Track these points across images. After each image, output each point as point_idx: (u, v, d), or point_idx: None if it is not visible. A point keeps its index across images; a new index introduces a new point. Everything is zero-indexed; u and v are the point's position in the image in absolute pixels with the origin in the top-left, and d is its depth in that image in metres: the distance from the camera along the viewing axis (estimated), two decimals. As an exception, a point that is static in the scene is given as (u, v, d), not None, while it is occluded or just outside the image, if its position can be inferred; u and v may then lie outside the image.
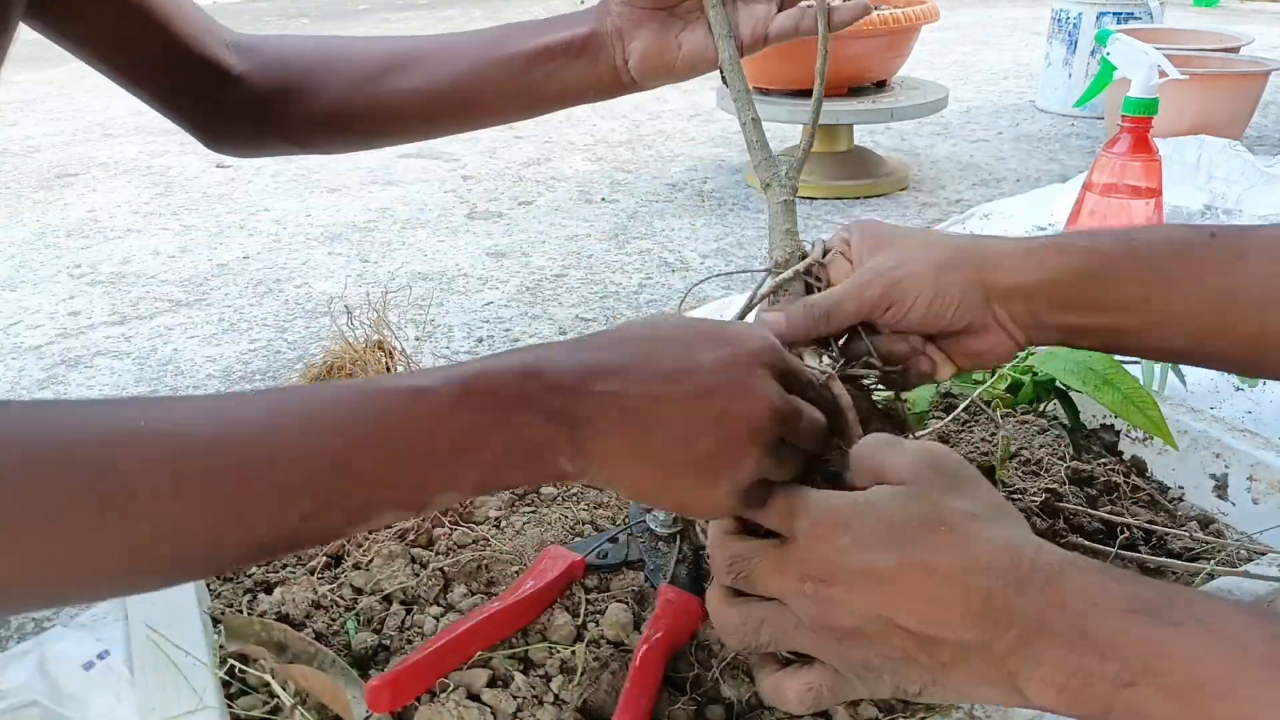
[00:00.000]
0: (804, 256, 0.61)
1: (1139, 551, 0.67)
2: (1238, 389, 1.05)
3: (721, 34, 0.63)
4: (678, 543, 0.65)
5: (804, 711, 0.46)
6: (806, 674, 0.45)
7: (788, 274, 0.60)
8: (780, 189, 0.62)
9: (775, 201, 0.62)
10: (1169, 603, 0.37)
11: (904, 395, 0.63)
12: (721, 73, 0.66)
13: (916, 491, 0.43)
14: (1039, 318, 0.56)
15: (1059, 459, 0.76)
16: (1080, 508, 0.70)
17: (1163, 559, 0.67)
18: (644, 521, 0.66)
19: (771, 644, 0.46)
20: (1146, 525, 0.70)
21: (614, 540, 0.65)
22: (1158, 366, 0.90)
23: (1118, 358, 0.75)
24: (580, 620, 0.61)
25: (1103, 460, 0.79)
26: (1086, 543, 0.66)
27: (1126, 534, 0.68)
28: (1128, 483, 0.75)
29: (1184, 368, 0.92)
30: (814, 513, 0.44)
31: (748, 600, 0.46)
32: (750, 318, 0.61)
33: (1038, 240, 0.57)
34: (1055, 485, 0.73)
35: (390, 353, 0.76)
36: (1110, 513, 0.70)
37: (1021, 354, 0.81)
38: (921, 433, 0.70)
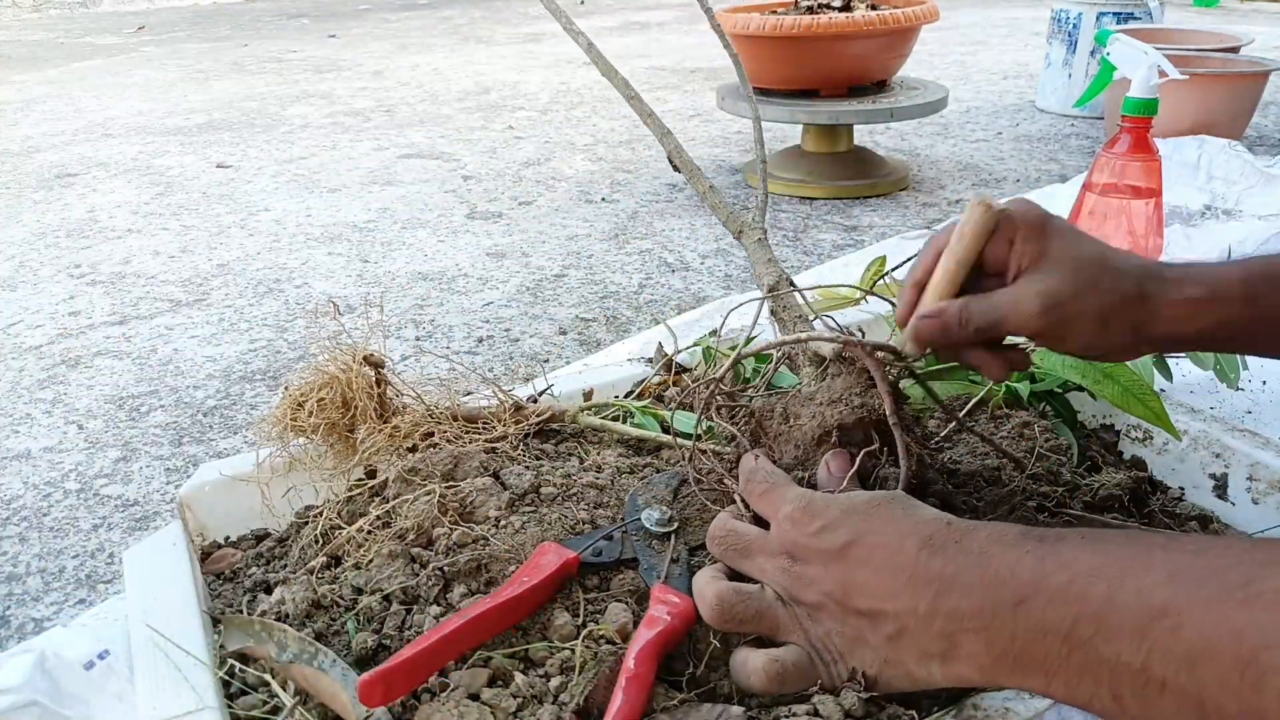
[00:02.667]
0: (790, 281, 0.63)
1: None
2: (1237, 389, 1.05)
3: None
4: (672, 542, 0.65)
5: (764, 687, 0.52)
6: (774, 650, 0.52)
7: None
8: (752, 231, 0.68)
9: (751, 242, 0.67)
10: (1060, 535, 0.43)
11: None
12: (671, 161, 0.71)
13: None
14: (1181, 348, 0.60)
15: (1060, 464, 0.76)
16: (1081, 515, 0.70)
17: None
18: (639, 520, 0.66)
19: (748, 621, 0.53)
20: (1146, 526, 0.70)
21: (609, 538, 0.65)
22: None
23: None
24: (580, 619, 0.61)
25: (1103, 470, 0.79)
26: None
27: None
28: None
29: (1174, 367, 0.92)
30: (792, 501, 0.53)
31: (732, 580, 0.55)
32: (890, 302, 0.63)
33: (1200, 289, 0.56)
34: (1055, 490, 0.73)
35: (378, 365, 0.76)
36: (1111, 516, 0.70)
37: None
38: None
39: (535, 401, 0.84)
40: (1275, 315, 0.56)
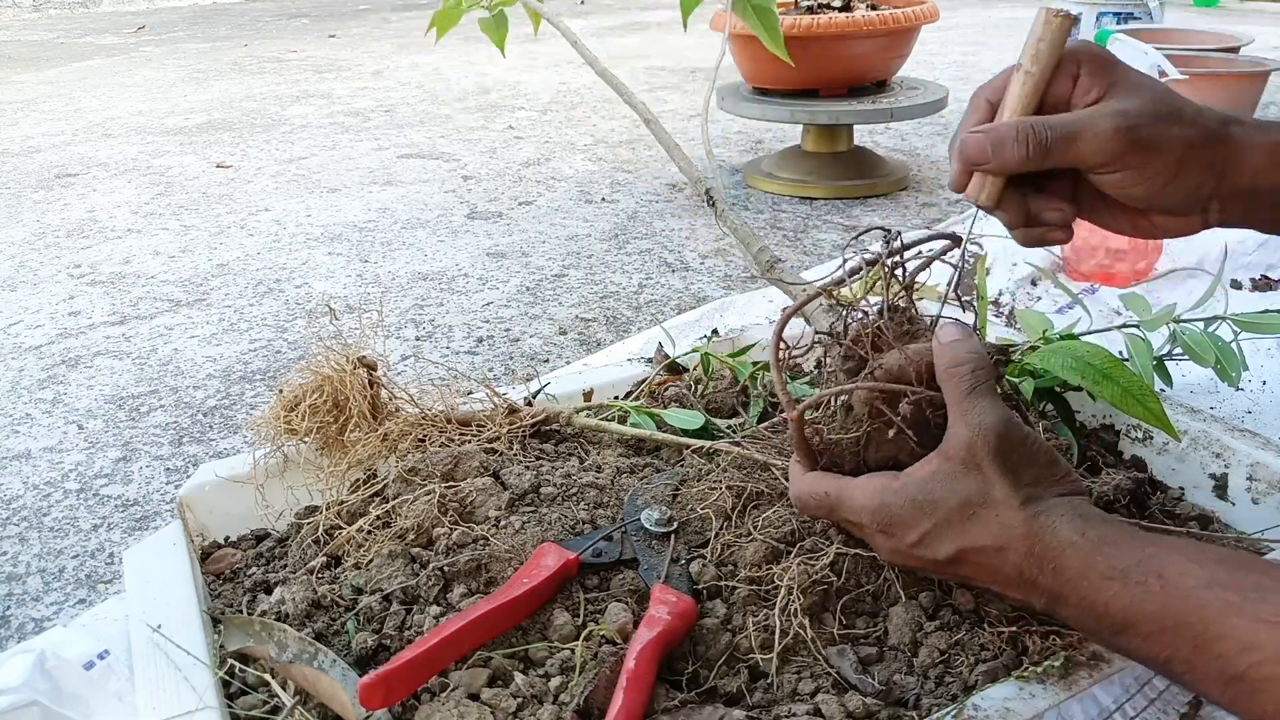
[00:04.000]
0: (773, 263, 0.62)
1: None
2: (1238, 389, 1.05)
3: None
4: (672, 542, 0.65)
5: (797, 496, 0.57)
6: (838, 486, 0.55)
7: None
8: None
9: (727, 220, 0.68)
10: (1136, 564, 0.46)
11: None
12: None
13: (967, 473, 0.50)
14: (1249, 218, 0.55)
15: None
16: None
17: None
18: (639, 520, 0.66)
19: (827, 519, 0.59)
20: (1144, 524, 0.70)
21: (609, 539, 0.65)
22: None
23: (1120, 355, 0.75)
24: (580, 619, 0.61)
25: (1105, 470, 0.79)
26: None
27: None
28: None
29: (1174, 368, 0.92)
30: (867, 513, 0.54)
31: (826, 478, 0.56)
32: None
33: (1268, 123, 0.54)
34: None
35: (372, 367, 0.76)
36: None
37: (1020, 354, 0.81)
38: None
39: (530, 404, 0.84)
40: None
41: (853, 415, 0.57)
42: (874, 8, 2.03)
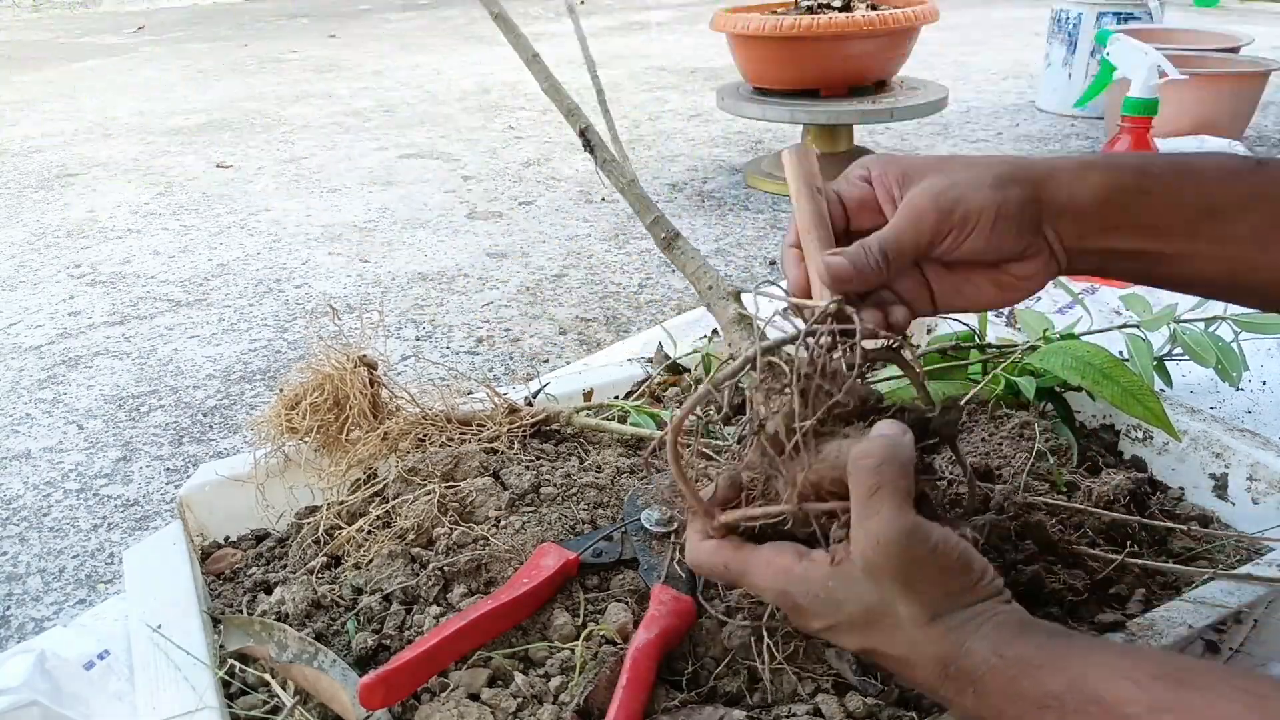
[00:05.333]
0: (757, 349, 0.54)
1: (1142, 557, 0.67)
2: (1238, 389, 1.05)
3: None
4: (672, 542, 0.65)
5: (694, 564, 0.52)
6: (739, 560, 0.51)
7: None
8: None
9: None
10: (1068, 688, 0.43)
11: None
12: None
13: (867, 581, 0.47)
14: (1084, 240, 0.54)
15: (1062, 465, 0.76)
16: (1086, 506, 0.70)
17: (1163, 564, 0.67)
18: (639, 520, 0.66)
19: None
20: (1147, 520, 0.70)
21: (609, 539, 0.65)
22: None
23: (1120, 355, 0.75)
24: (580, 619, 0.61)
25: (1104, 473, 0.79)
26: (1090, 550, 0.66)
27: (1133, 545, 0.68)
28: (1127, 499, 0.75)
29: (1174, 368, 0.92)
30: (769, 593, 0.50)
31: (724, 549, 0.51)
32: (814, 278, 0.55)
33: (1088, 157, 0.55)
34: (1058, 499, 0.73)
35: (372, 366, 0.76)
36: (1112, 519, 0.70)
37: (1020, 353, 0.81)
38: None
39: (530, 404, 0.84)
40: (1172, 185, 0.53)
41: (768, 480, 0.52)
42: (874, 8, 2.03)
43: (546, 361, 1.35)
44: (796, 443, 0.48)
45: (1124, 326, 0.88)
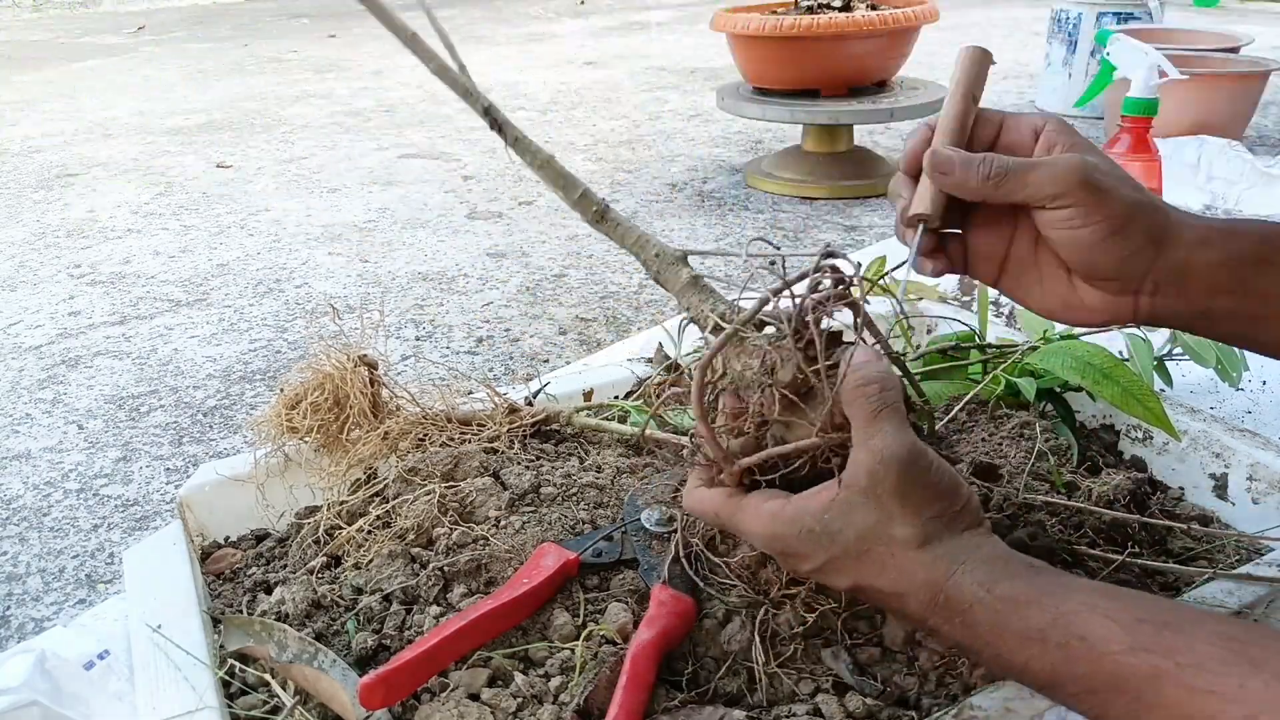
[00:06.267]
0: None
1: (1142, 557, 0.67)
2: (1238, 389, 1.05)
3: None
4: (672, 542, 0.65)
5: (689, 510, 0.56)
6: (730, 506, 0.53)
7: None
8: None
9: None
10: (1053, 624, 0.44)
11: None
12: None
13: (866, 503, 0.48)
14: (1180, 304, 0.54)
15: (1062, 465, 0.76)
16: (1085, 505, 0.70)
17: (1163, 564, 0.67)
18: (639, 520, 0.66)
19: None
20: (1146, 519, 0.70)
21: (609, 539, 0.65)
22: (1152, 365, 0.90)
23: (1120, 355, 0.75)
24: (580, 619, 0.61)
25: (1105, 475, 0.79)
26: (1090, 550, 0.66)
27: (1133, 544, 0.68)
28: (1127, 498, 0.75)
29: (1174, 368, 0.92)
30: (761, 538, 0.52)
31: (715, 497, 0.54)
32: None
33: (1218, 221, 0.54)
34: (1056, 499, 0.73)
35: (373, 365, 0.76)
36: (1112, 519, 0.70)
37: (1020, 354, 0.81)
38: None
39: (530, 404, 0.84)
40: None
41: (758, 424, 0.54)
42: (874, 8, 2.03)
43: (546, 361, 1.35)
44: (811, 387, 0.51)
45: (1124, 327, 0.88)
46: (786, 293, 0.52)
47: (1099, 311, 0.55)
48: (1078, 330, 0.85)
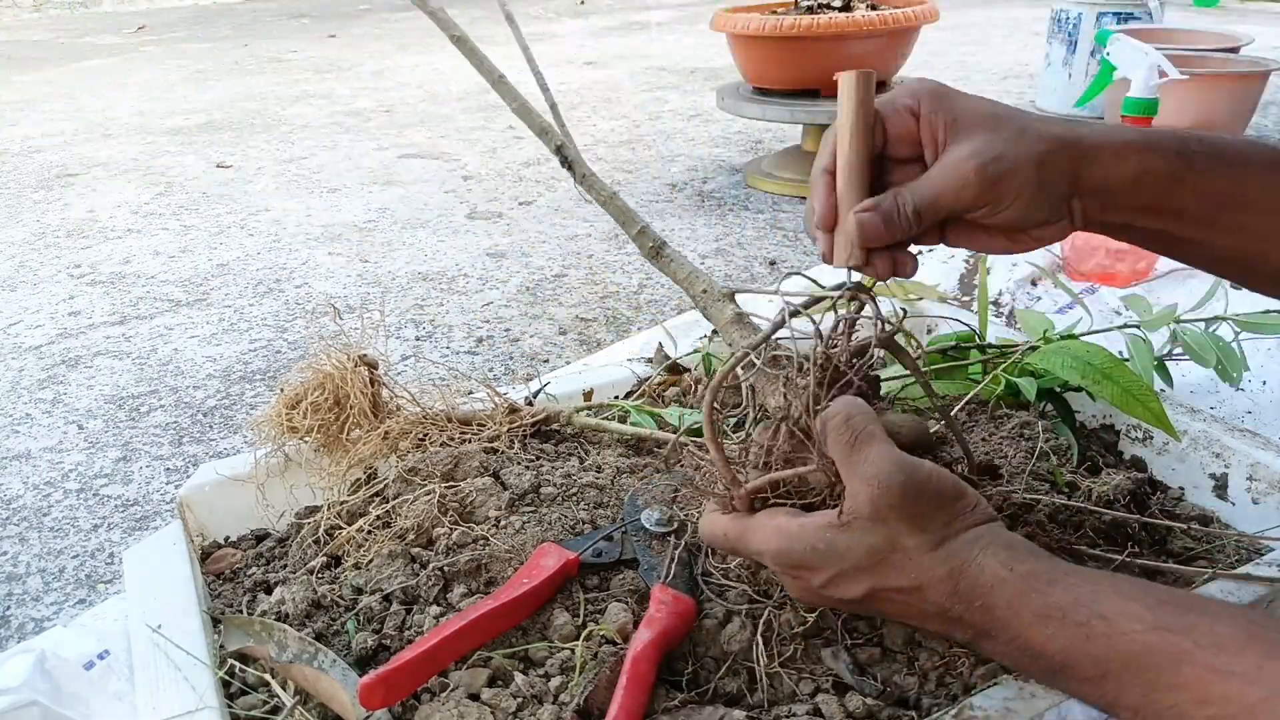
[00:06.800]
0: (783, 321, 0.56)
1: (1142, 557, 0.67)
2: (1238, 389, 1.05)
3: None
4: (672, 542, 0.65)
5: (702, 537, 0.57)
6: (738, 527, 0.54)
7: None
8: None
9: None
10: (1074, 603, 0.44)
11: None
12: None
13: (874, 528, 0.49)
14: (1107, 215, 0.55)
15: (1062, 465, 0.76)
16: (1085, 505, 0.70)
17: (1163, 564, 0.67)
18: (639, 520, 0.66)
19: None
20: (1147, 519, 0.70)
21: (609, 539, 0.65)
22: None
23: (1120, 355, 0.75)
24: (580, 619, 0.61)
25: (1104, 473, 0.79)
26: (1090, 550, 0.66)
27: (1133, 544, 0.68)
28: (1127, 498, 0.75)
29: (1174, 368, 0.92)
30: (769, 556, 0.52)
31: (722, 519, 0.55)
32: (846, 224, 0.55)
33: (1132, 136, 0.54)
34: (1058, 499, 0.73)
35: (373, 365, 0.76)
36: (1112, 520, 0.70)
37: (1020, 354, 0.81)
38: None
39: (530, 404, 0.84)
40: (1206, 174, 0.53)
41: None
42: (874, 8, 2.03)
43: (546, 361, 1.35)
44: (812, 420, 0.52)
45: (1124, 326, 0.88)
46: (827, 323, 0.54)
47: (1043, 240, 0.56)
48: (1078, 330, 0.85)
